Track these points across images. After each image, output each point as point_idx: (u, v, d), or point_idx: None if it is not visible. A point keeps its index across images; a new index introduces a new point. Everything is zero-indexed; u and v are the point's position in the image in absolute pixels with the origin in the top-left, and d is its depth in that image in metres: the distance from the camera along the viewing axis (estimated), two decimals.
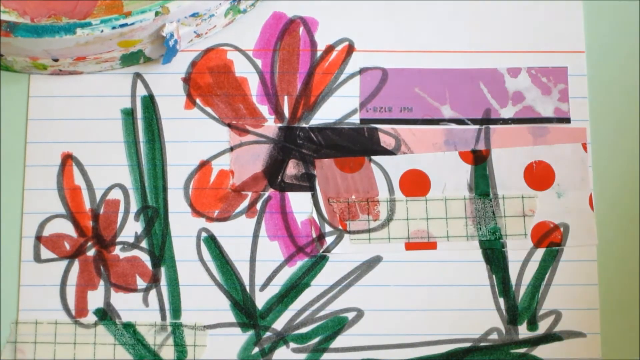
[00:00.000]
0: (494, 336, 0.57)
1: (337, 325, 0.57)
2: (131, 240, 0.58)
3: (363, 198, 0.59)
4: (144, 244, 0.58)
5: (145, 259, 0.58)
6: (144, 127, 0.60)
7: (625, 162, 0.60)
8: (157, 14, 0.56)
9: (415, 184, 0.59)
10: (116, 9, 0.58)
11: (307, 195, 0.59)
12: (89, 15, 0.58)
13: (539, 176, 0.59)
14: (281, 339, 0.57)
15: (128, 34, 0.56)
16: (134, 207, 0.59)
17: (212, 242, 0.58)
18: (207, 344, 0.57)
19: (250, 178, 0.59)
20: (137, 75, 0.60)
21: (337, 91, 0.60)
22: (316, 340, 0.57)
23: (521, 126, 0.60)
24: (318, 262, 0.58)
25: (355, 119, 0.60)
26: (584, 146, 0.59)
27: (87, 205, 0.59)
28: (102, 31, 0.55)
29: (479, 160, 0.59)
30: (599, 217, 0.59)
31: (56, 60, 0.58)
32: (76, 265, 0.58)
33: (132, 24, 0.56)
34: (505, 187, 0.59)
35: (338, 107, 0.60)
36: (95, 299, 0.58)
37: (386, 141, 0.60)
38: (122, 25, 0.55)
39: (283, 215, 0.59)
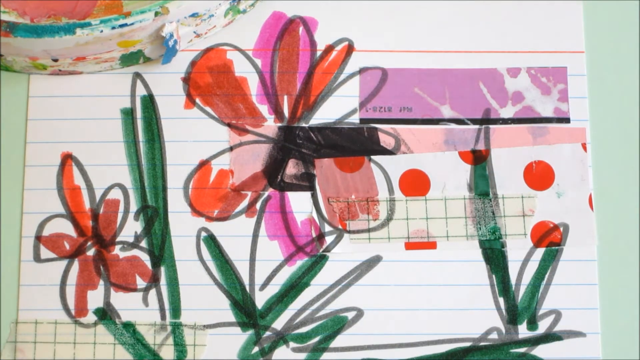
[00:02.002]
0: (493, 336, 0.57)
1: (337, 324, 0.57)
2: (131, 239, 0.58)
3: (363, 198, 0.59)
4: (143, 243, 0.58)
5: (145, 258, 0.58)
6: (144, 126, 0.60)
7: (625, 162, 0.60)
8: (156, 14, 0.56)
9: (415, 183, 0.59)
10: (116, 9, 0.58)
11: (307, 194, 0.59)
12: (88, 15, 0.58)
13: (539, 176, 0.59)
14: (281, 338, 0.57)
15: (128, 34, 0.56)
16: (133, 206, 0.59)
17: (212, 242, 0.58)
18: (207, 343, 0.57)
19: (250, 178, 0.59)
20: (137, 75, 0.60)
21: (337, 91, 0.60)
22: (316, 339, 0.57)
23: (521, 126, 0.60)
24: (318, 261, 0.58)
25: (355, 119, 0.60)
26: (584, 146, 0.59)
27: (87, 205, 0.59)
28: (101, 31, 0.55)
29: (479, 160, 0.59)
30: (599, 217, 0.59)
31: (56, 60, 0.58)
32: (76, 265, 0.58)
33: (132, 24, 0.56)
34: (505, 187, 0.59)
35: (338, 107, 0.60)
36: (95, 298, 0.58)
37: (386, 141, 0.60)
38: (121, 26, 0.55)
39: (283, 215, 0.59)
